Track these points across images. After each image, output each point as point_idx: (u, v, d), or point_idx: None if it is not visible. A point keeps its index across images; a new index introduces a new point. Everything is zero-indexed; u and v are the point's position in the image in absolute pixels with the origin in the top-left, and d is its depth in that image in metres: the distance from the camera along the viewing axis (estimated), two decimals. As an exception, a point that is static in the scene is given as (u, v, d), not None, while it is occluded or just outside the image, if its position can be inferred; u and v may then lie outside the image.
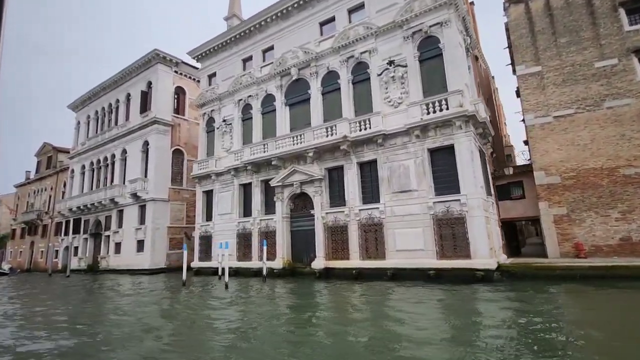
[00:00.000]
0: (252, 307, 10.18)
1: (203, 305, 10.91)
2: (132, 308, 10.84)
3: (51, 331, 7.99)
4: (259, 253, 18.29)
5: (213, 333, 7.43)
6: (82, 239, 30.38)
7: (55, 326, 8.59)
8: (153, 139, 25.80)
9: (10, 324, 9.03)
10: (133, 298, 13.01)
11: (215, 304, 10.89)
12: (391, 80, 15.26)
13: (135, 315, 9.65)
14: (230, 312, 9.64)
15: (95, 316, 9.84)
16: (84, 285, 18.66)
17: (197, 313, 9.75)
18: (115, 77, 30.11)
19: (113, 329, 8.04)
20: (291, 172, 17.38)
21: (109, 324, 8.69)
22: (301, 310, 9.56)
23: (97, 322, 8.88)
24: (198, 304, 11.36)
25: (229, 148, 21.14)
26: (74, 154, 33.67)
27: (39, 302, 12.98)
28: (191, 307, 10.69)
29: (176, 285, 16.02)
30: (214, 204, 21.16)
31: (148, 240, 24.19)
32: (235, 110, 21.28)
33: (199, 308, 10.50)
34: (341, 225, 15.64)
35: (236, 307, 10.29)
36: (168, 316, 9.59)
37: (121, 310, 10.48)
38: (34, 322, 9.24)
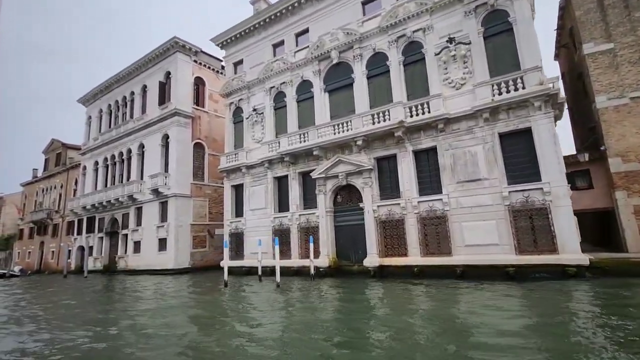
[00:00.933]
0: (350, 310, 8.89)
1: (299, 311, 9.58)
2: (218, 315, 9.52)
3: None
4: (300, 250, 17.00)
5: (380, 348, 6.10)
6: (96, 238, 29.01)
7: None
8: (174, 131, 24.42)
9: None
10: (188, 302, 11.70)
11: (301, 308, 9.57)
12: (451, 59, 13.94)
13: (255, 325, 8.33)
14: (329, 315, 8.34)
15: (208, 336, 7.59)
16: (110, 288, 17.31)
17: (316, 316, 8.43)
18: (130, 69, 28.69)
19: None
20: (335, 162, 16.07)
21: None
22: (399, 313, 8.26)
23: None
24: (283, 306, 10.00)
25: (260, 139, 19.80)
26: (86, 150, 32.25)
27: (75, 310, 11.65)
28: (298, 314, 9.37)
29: (218, 287, 14.69)
30: (244, 198, 19.84)
31: (171, 239, 22.85)
32: (266, 98, 19.93)
33: (304, 312, 9.16)
34: (396, 219, 14.34)
35: (333, 311, 8.97)
36: (295, 327, 8.28)
37: (223, 319, 9.13)
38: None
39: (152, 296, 13.16)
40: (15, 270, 30.39)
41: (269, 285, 14.00)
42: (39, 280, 25.86)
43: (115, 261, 26.67)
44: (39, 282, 24.18)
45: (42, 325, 8.77)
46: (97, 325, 8.35)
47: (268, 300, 10.75)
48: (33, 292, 17.80)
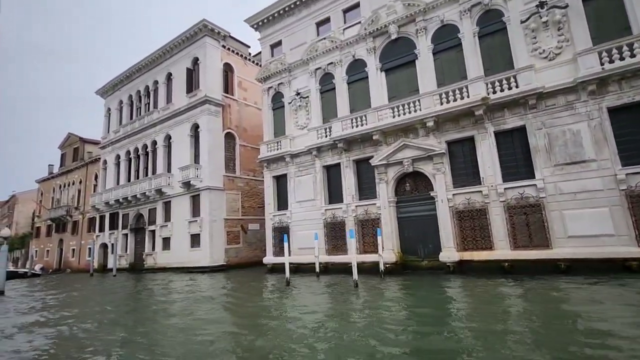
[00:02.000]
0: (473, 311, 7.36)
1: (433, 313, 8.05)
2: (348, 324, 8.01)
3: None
4: (358, 245, 15.47)
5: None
6: (121, 235, 27.67)
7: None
8: (204, 120, 22.93)
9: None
10: (280, 310, 10.22)
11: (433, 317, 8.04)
12: (542, 26, 12.28)
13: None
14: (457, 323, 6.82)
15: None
16: (149, 288, 15.89)
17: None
18: (153, 56, 27.19)
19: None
20: (399, 147, 14.50)
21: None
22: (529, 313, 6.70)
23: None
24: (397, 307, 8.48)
25: (305, 125, 18.25)
26: (106, 144, 30.87)
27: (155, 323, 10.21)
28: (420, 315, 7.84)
29: (279, 286, 13.19)
30: (289, 190, 18.33)
31: (205, 235, 21.41)
32: (311, 81, 18.35)
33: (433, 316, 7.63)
34: (477, 208, 12.77)
35: (457, 316, 7.46)
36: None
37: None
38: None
39: (216, 299, 11.70)
40: (36, 269, 29.19)
41: (339, 284, 12.50)
42: (64, 280, 24.55)
43: (143, 258, 25.31)
44: (66, 282, 22.86)
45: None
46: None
47: (375, 306, 9.06)
48: (71, 293, 16.42)
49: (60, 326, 8.43)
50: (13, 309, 11.83)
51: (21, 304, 13.11)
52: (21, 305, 12.79)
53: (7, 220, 60.45)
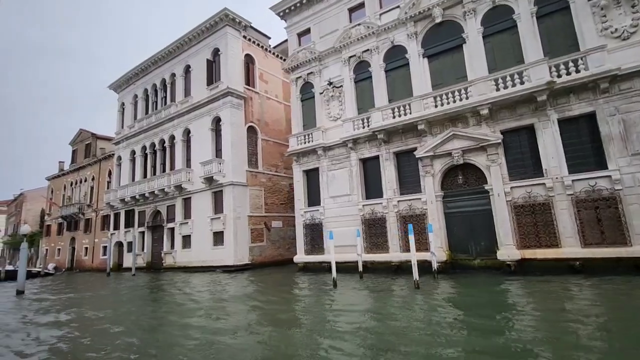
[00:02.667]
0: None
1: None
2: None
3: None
4: (402, 242, 14.51)
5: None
6: (137, 233, 26.81)
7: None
8: (226, 113, 22.00)
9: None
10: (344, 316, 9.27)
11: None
12: (613, 3, 11.28)
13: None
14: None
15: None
16: (179, 289, 14.98)
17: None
18: (169, 49, 26.28)
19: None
20: (447, 138, 13.51)
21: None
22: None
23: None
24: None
25: (338, 116, 17.30)
26: (120, 139, 30.01)
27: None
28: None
29: (324, 287, 12.23)
30: (321, 184, 17.39)
31: (229, 232, 20.50)
32: (344, 69, 17.39)
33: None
34: (540, 202, 11.77)
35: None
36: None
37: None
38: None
39: (259, 302, 10.78)
40: (49, 269, 28.39)
41: (395, 285, 11.56)
42: (81, 280, 23.71)
43: (161, 257, 24.44)
44: (85, 282, 22.02)
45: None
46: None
47: (465, 315, 8.19)
48: (96, 293, 15.54)
49: (98, 329, 7.53)
50: (38, 310, 10.95)
51: (46, 304, 12.23)
52: (44, 305, 11.92)
53: (14, 218, 59.85)
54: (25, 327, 8.53)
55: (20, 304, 12.55)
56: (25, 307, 11.95)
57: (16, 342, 7.17)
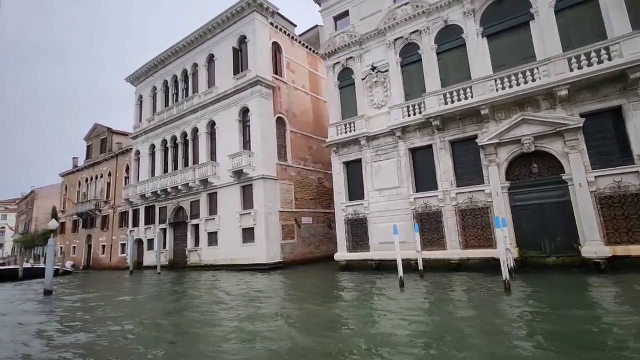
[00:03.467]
0: None
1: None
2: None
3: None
4: (461, 239, 13.29)
5: None
6: (158, 230, 25.76)
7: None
8: (255, 104, 20.85)
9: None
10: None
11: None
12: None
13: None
14: None
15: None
16: (215, 290, 13.86)
17: None
18: (191, 38, 25.16)
19: None
20: (516, 123, 12.26)
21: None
22: None
23: None
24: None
25: (383, 103, 16.10)
26: (139, 133, 28.99)
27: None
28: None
29: (386, 289, 11.04)
30: (365, 177, 16.19)
31: (260, 229, 19.36)
32: (389, 53, 16.17)
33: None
34: (633, 193, 10.50)
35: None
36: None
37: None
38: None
39: (352, 319, 9.60)
40: (68, 267, 27.48)
41: (477, 285, 10.35)
42: (103, 279, 22.70)
43: (185, 255, 23.38)
44: (108, 281, 21.02)
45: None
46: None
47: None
48: (126, 293, 14.47)
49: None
50: (74, 315, 9.87)
51: (78, 305, 11.16)
52: (77, 307, 10.84)
53: (26, 216, 59.26)
54: (76, 339, 7.44)
55: (54, 307, 11.48)
56: (59, 310, 10.88)
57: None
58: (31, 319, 9.29)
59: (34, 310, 10.63)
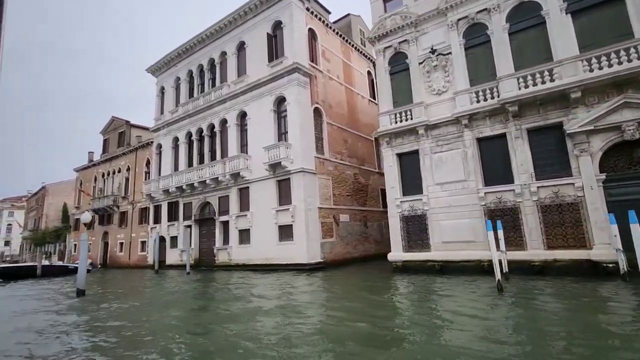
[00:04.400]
0: None
1: None
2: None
3: None
4: (544, 238, 11.85)
5: None
6: (182, 227, 24.47)
7: None
8: (292, 92, 19.50)
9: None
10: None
11: None
12: None
13: None
14: None
15: None
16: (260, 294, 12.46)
17: None
18: (218, 26, 23.87)
19: None
20: (616, 107, 10.83)
21: None
22: None
23: None
24: None
25: (444, 89, 14.69)
26: (160, 126, 27.72)
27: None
28: None
29: (481, 295, 9.60)
30: (422, 169, 14.78)
31: (300, 226, 17.98)
32: (450, 35, 14.77)
33: None
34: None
35: None
36: None
37: None
38: None
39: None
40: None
41: (583, 291, 8.92)
42: (128, 278, 21.35)
43: (213, 254, 22.04)
44: (135, 280, 19.68)
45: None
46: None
47: None
48: (174, 296, 13.11)
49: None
50: (120, 322, 8.50)
51: (120, 311, 9.81)
52: (119, 313, 9.49)
53: (35, 213, 58.20)
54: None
55: (93, 312, 10.14)
56: (105, 317, 9.53)
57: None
58: (80, 336, 7.83)
59: (79, 323, 9.20)
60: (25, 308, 10.77)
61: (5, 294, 15.37)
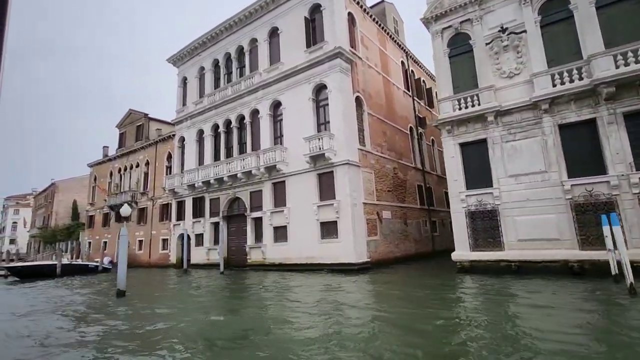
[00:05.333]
0: None
1: None
2: None
3: None
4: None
5: None
6: (208, 224, 23.16)
7: None
8: (335, 79, 18.15)
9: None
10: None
11: None
12: None
13: None
14: None
15: None
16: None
17: None
18: (247, 11, 22.53)
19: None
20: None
21: None
22: None
23: None
24: None
25: (516, 72, 13.31)
26: (183, 118, 26.41)
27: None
28: None
29: (615, 302, 8.22)
30: (492, 160, 13.41)
31: (346, 222, 16.62)
32: (524, 12, 13.39)
33: None
34: None
35: None
36: None
37: None
38: None
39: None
40: (106, 263, 24.95)
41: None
42: (157, 278, 20.08)
43: (244, 252, 20.71)
44: (167, 281, 18.43)
45: None
46: None
47: None
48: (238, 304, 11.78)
49: None
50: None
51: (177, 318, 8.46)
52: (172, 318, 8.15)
53: (44, 210, 57.05)
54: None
55: (151, 321, 8.81)
56: (161, 323, 8.20)
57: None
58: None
59: (141, 333, 7.87)
60: (82, 309, 9.48)
61: (40, 294, 14.06)
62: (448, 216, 27.75)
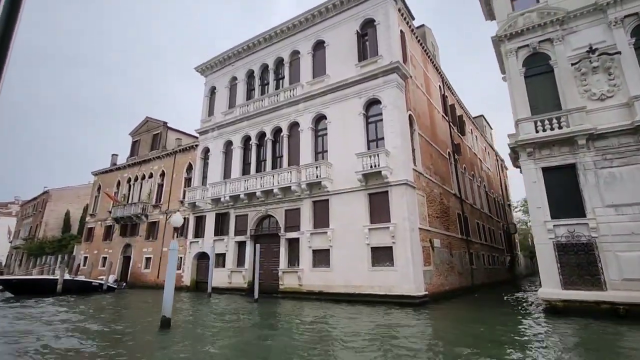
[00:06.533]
0: None
1: None
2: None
3: None
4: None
5: None
6: (232, 243, 21.06)
7: None
8: (390, 94, 17.10)
9: None
10: None
11: None
12: None
13: None
14: None
15: None
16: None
17: None
18: (290, 23, 21.84)
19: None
20: None
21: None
22: None
23: None
24: None
25: (609, 94, 12.38)
26: (209, 128, 24.92)
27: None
28: None
29: None
30: (583, 187, 12.13)
31: (404, 248, 14.90)
32: (614, 33, 12.64)
33: None
34: None
35: None
36: None
37: None
38: None
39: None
40: (110, 282, 22.27)
41: None
42: (180, 302, 17.66)
43: (275, 277, 18.59)
44: (202, 308, 16.14)
45: None
46: None
47: None
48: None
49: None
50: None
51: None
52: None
53: (32, 219, 53.28)
54: None
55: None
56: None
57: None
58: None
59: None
60: (130, 344, 7.38)
61: (51, 317, 11.67)
62: (481, 248, 26.49)
